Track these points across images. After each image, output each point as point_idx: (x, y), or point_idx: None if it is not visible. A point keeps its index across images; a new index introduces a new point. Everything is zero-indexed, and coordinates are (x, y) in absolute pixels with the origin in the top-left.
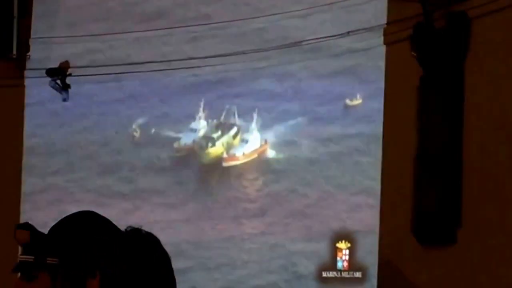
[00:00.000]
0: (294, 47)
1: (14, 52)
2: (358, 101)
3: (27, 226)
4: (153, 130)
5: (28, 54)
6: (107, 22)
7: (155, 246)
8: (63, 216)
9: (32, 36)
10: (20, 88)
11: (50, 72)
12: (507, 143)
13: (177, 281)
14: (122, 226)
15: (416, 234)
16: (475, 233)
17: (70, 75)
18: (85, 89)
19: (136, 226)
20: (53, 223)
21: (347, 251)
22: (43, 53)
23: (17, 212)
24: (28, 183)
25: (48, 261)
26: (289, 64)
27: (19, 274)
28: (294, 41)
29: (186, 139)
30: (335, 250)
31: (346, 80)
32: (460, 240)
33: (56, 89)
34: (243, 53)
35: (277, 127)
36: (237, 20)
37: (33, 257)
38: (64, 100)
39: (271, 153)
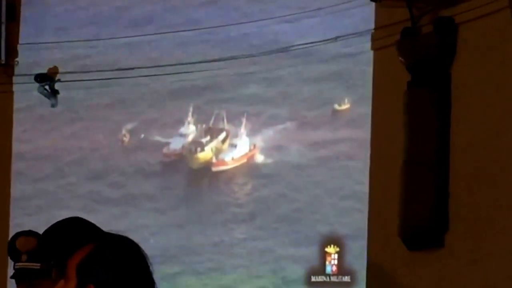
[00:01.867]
0: (283, 52)
1: (2, 58)
2: (346, 105)
3: (33, 233)
4: (142, 135)
5: (16, 59)
6: (95, 27)
7: (135, 249)
8: (53, 221)
9: (20, 41)
10: (8, 93)
11: (39, 78)
12: (494, 147)
13: (167, 285)
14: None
15: (404, 238)
16: (462, 237)
17: (58, 80)
18: (73, 95)
19: (113, 232)
20: (43, 229)
21: (336, 256)
22: (31, 58)
23: (6, 218)
24: (17, 189)
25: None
26: (278, 69)
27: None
28: (282, 46)
29: (175, 144)
30: (324, 255)
31: (335, 85)
32: (448, 244)
33: (45, 95)
34: (232, 58)
35: (265, 132)
36: (225, 25)
37: (39, 264)
38: (53, 105)
39: (260, 158)
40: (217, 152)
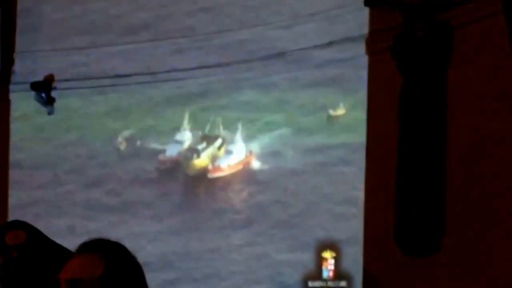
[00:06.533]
0: (277, 58)
1: None
2: (341, 111)
3: (22, 226)
4: (138, 143)
5: (12, 68)
6: (91, 35)
7: (129, 253)
8: (51, 229)
9: (16, 50)
10: (5, 102)
11: (35, 86)
12: (490, 151)
13: None
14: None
15: (399, 243)
16: (458, 241)
17: (55, 88)
18: (70, 102)
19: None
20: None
21: (332, 261)
22: (27, 66)
23: None
24: (15, 197)
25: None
26: (273, 75)
27: None
28: (277, 52)
29: (171, 151)
30: (320, 260)
31: (329, 90)
32: (443, 249)
33: (41, 103)
34: (227, 64)
35: (261, 138)
36: (220, 32)
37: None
38: (49, 113)
39: (256, 164)
40: (213, 158)
